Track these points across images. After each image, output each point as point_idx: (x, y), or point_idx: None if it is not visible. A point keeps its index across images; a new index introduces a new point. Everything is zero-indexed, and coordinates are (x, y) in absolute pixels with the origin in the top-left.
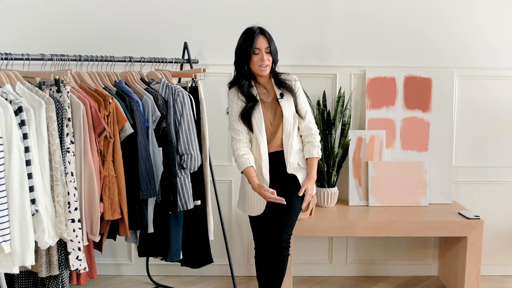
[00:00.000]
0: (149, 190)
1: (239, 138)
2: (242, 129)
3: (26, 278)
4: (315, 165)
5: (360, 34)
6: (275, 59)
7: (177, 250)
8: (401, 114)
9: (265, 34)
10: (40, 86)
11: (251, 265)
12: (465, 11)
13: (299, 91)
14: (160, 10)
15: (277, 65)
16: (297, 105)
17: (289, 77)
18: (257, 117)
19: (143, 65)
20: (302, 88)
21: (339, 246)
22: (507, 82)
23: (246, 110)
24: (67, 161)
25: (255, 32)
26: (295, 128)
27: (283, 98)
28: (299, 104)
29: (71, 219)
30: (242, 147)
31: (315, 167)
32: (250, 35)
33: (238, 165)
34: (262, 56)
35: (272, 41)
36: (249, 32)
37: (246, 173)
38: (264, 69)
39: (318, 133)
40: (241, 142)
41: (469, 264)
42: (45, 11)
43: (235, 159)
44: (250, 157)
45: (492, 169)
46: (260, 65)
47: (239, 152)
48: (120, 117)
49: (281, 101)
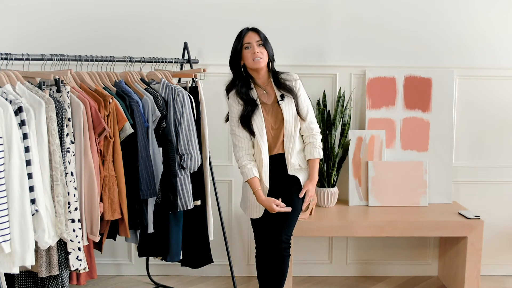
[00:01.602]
0: (149, 190)
1: (241, 145)
2: (243, 135)
3: (26, 278)
4: (316, 166)
5: (360, 34)
6: (270, 54)
7: (177, 250)
8: (401, 114)
9: (255, 30)
10: (40, 86)
11: (251, 265)
12: (465, 11)
13: (300, 91)
14: (160, 10)
15: (274, 63)
16: (298, 106)
17: (289, 77)
18: (257, 121)
19: (143, 65)
20: (303, 87)
21: (339, 246)
22: (507, 82)
23: (246, 114)
24: (67, 161)
25: (243, 30)
26: (296, 130)
27: (283, 100)
28: (300, 104)
29: (71, 219)
30: (245, 155)
31: (317, 168)
32: (239, 34)
33: (242, 175)
34: (253, 49)
35: (264, 38)
36: (240, 31)
37: (251, 184)
38: (258, 62)
39: (319, 133)
40: (242, 150)
41: (469, 264)
42: (45, 11)
43: (239, 167)
44: (253, 166)
45: (492, 169)
46: (253, 58)
47: (241, 162)
48: (120, 117)
49: (281, 103)
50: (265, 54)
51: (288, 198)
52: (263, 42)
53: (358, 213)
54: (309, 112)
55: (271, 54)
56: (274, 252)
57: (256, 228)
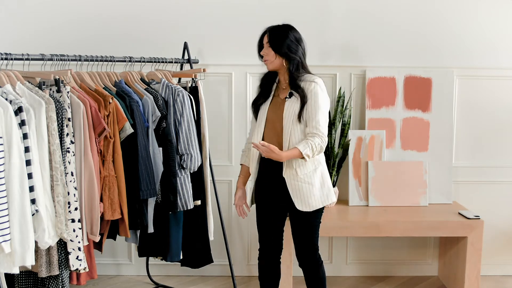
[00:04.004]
0: (149, 190)
1: (251, 129)
2: (253, 119)
3: (26, 278)
4: (293, 151)
5: (360, 34)
6: (282, 55)
7: (177, 250)
8: (401, 114)
9: (266, 31)
10: (40, 86)
11: (251, 265)
12: (465, 11)
13: (312, 96)
14: (160, 10)
15: (295, 65)
16: (302, 108)
17: (308, 85)
18: (262, 111)
19: (143, 65)
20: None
21: (339, 246)
22: (507, 82)
23: (256, 100)
24: (67, 161)
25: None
26: (295, 130)
27: (290, 98)
28: (306, 108)
29: (71, 219)
30: (248, 140)
31: (292, 152)
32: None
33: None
34: (263, 52)
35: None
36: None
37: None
38: (266, 64)
39: (322, 137)
40: (249, 134)
41: (469, 264)
42: (45, 11)
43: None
44: (246, 153)
45: (492, 169)
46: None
47: (244, 146)
48: (120, 117)
49: (287, 100)
50: (271, 55)
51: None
52: (270, 44)
53: (358, 213)
54: (316, 119)
55: (286, 54)
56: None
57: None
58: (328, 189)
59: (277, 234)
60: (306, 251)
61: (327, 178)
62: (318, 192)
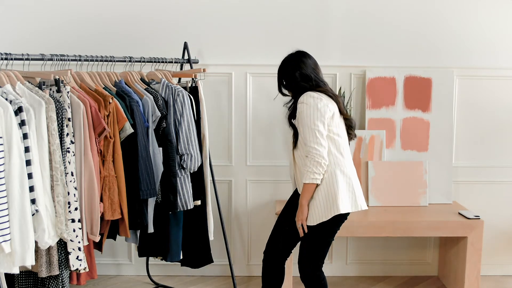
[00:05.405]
0: (149, 190)
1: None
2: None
3: (26, 278)
4: (304, 191)
5: (360, 34)
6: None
7: (177, 250)
8: (401, 114)
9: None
10: (40, 86)
11: (251, 265)
12: (465, 11)
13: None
14: (160, 10)
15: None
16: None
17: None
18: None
19: (143, 65)
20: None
21: (339, 246)
22: (507, 82)
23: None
24: (67, 161)
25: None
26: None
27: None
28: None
29: (71, 219)
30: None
31: (304, 193)
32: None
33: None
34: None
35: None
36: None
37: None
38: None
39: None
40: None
41: (469, 264)
42: (45, 11)
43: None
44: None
45: (492, 169)
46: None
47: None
48: (120, 117)
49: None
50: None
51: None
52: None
53: (358, 213)
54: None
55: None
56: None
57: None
58: (332, 203)
59: (286, 241)
60: (306, 266)
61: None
62: (318, 207)
